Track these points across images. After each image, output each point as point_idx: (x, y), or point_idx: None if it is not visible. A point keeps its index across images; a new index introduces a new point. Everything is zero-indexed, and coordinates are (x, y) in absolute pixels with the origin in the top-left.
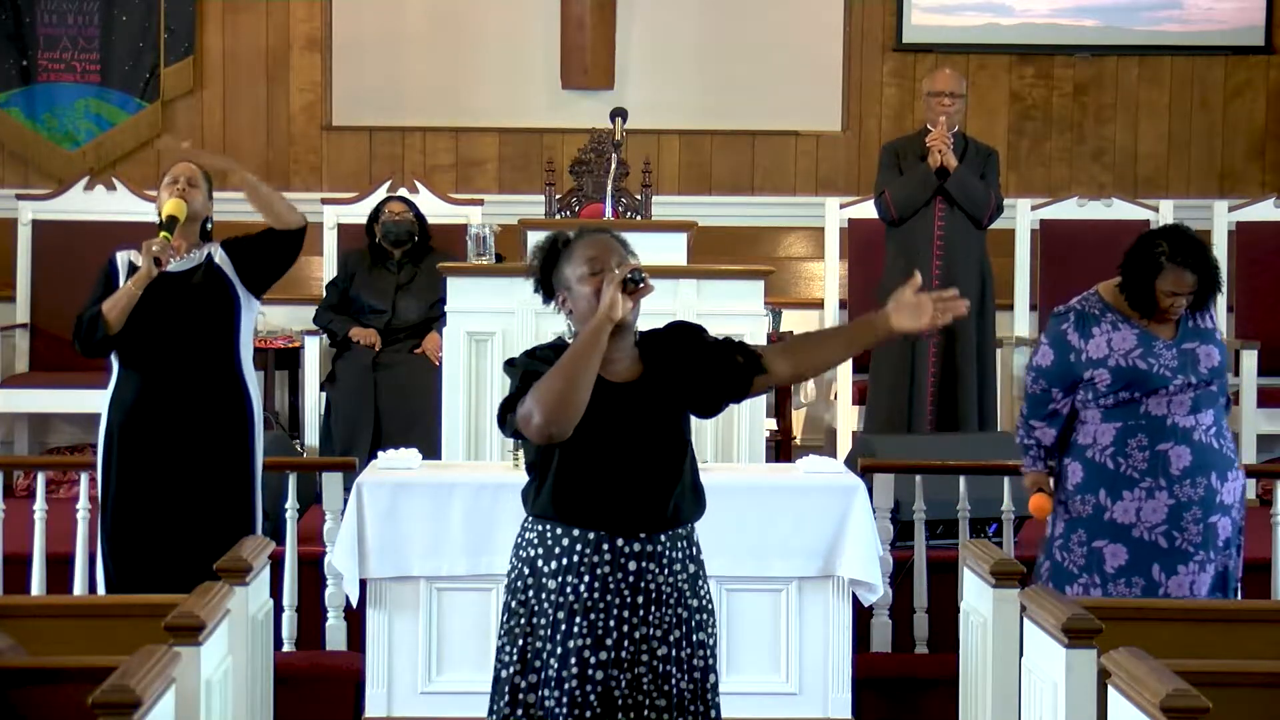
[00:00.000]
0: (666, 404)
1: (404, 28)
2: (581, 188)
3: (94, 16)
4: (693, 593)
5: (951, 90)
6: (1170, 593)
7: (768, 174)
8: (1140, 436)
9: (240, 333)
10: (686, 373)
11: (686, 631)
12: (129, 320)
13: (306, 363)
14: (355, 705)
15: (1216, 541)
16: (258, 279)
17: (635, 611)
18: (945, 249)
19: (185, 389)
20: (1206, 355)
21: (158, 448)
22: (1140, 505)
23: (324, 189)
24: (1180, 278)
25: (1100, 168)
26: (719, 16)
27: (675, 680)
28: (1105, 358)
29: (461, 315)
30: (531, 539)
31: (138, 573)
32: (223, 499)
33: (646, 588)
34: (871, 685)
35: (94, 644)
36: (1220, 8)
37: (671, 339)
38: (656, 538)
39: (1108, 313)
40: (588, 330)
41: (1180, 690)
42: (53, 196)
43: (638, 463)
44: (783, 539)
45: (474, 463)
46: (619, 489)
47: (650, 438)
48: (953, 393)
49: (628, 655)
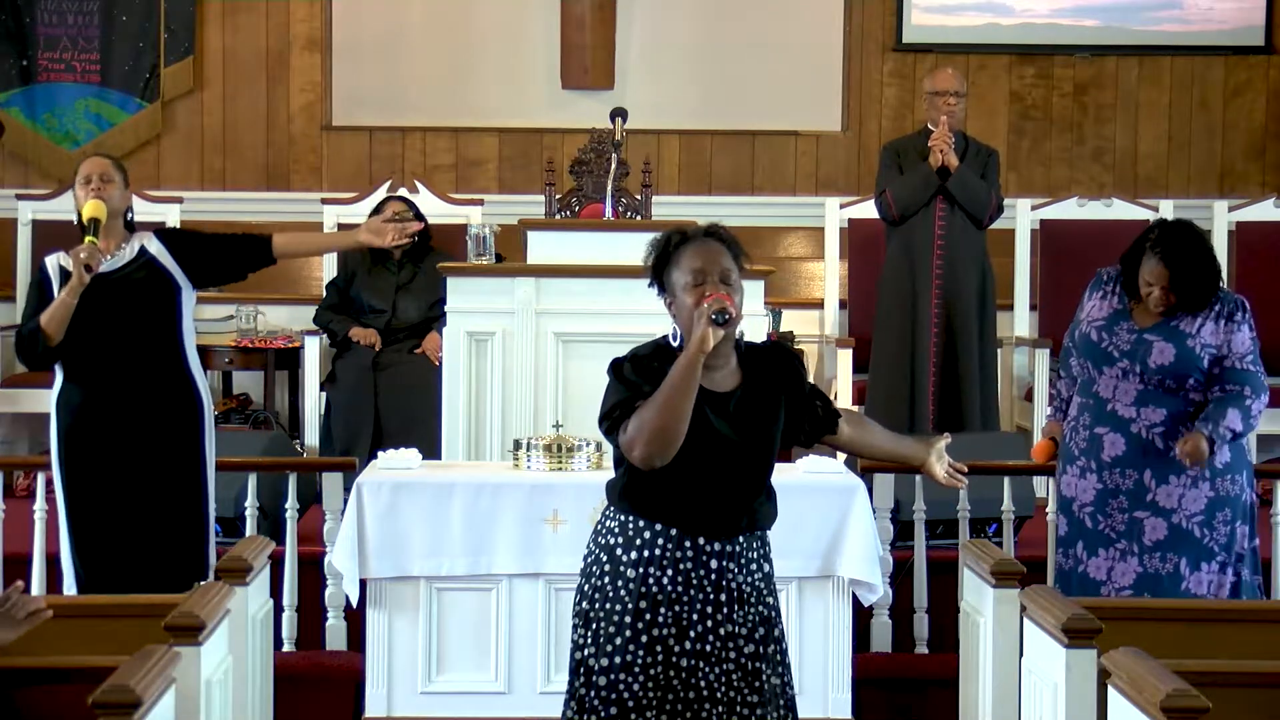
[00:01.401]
0: (760, 417)
1: (404, 28)
2: (581, 188)
3: (94, 16)
4: (769, 591)
5: (955, 90)
6: (1089, 572)
7: (768, 174)
8: (1086, 416)
9: (182, 322)
10: (787, 403)
11: (769, 629)
12: (71, 325)
13: (306, 363)
14: (355, 705)
15: (1143, 539)
16: (207, 276)
17: (719, 609)
18: (946, 248)
19: (132, 386)
20: (1160, 351)
21: (109, 447)
22: (1076, 482)
23: (324, 189)
24: (1157, 269)
25: (1100, 168)
26: (719, 16)
27: (766, 676)
28: (1085, 319)
29: (461, 315)
30: (612, 528)
31: (107, 573)
32: (176, 491)
33: (728, 586)
34: (871, 685)
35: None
36: (1220, 8)
37: (773, 360)
38: (736, 540)
39: (1114, 282)
40: (683, 364)
41: (1180, 690)
42: (53, 196)
43: (725, 470)
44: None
45: (474, 463)
46: (705, 493)
47: (740, 448)
48: (955, 393)
49: (713, 650)
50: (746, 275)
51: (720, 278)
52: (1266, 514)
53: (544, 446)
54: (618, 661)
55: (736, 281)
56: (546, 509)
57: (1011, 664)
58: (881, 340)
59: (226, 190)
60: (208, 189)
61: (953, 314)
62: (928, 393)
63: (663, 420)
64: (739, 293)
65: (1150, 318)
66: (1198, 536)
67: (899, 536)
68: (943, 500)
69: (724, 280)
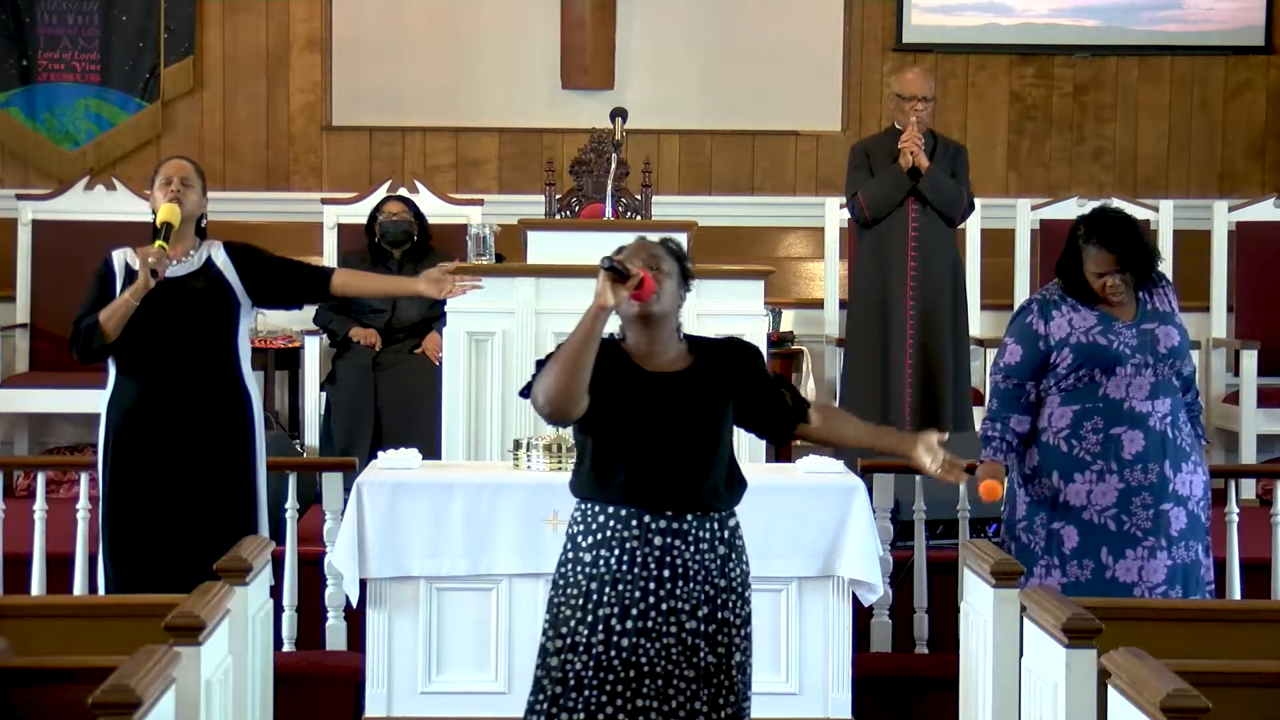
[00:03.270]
0: (706, 397)
1: (404, 28)
2: (581, 188)
3: (94, 16)
4: (720, 573)
5: (923, 95)
6: (1118, 576)
7: (768, 174)
8: (1096, 419)
9: (239, 335)
10: (739, 389)
11: (713, 609)
12: (128, 325)
13: (306, 363)
14: (355, 705)
15: (1169, 530)
16: (266, 297)
17: (662, 584)
18: (920, 248)
19: (185, 393)
20: (1165, 335)
21: (157, 451)
22: (1091, 488)
23: (324, 189)
24: (1101, 257)
25: (1100, 168)
26: (719, 16)
27: (703, 654)
28: (1067, 336)
29: (461, 315)
30: (576, 517)
31: (139, 577)
32: (225, 502)
33: (673, 563)
34: (871, 685)
35: (94, 644)
36: (1220, 8)
37: (727, 351)
38: (684, 517)
39: (1067, 298)
40: (583, 319)
41: (1180, 690)
42: (53, 196)
43: (668, 446)
44: (783, 539)
45: (474, 463)
46: (647, 469)
47: (683, 425)
48: (931, 393)
49: (654, 625)
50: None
51: (647, 263)
52: (1267, 514)
53: (544, 446)
54: (568, 642)
55: (668, 270)
56: (546, 509)
57: (1011, 664)
58: (854, 342)
59: (227, 190)
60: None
61: (928, 314)
62: (904, 394)
63: (561, 374)
64: (667, 279)
65: (1128, 311)
66: (1202, 521)
67: (899, 536)
68: (943, 500)
69: (650, 265)
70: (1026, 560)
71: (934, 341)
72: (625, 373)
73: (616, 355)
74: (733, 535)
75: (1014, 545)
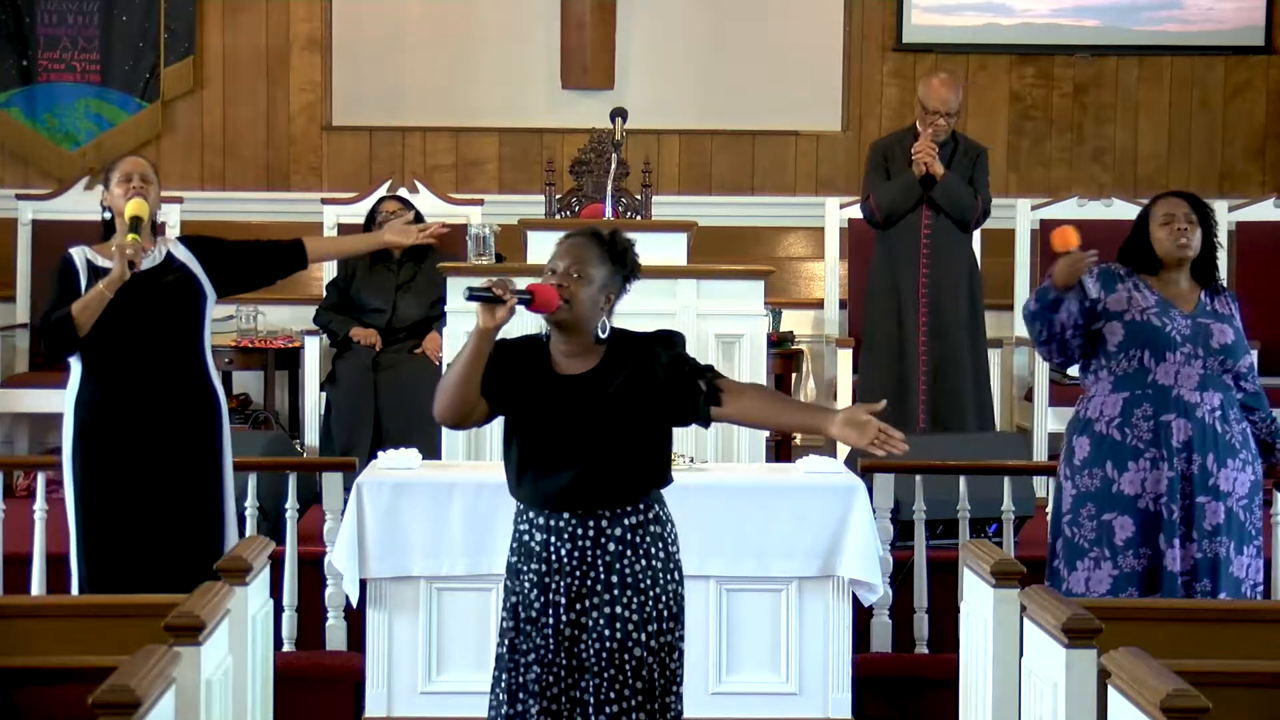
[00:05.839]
0: (607, 397)
1: (404, 28)
2: (581, 188)
3: (94, 16)
4: (630, 571)
5: (947, 111)
6: (1167, 567)
7: (768, 174)
8: (1146, 406)
9: (204, 328)
10: (644, 384)
11: (613, 603)
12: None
13: (306, 363)
14: (355, 705)
15: (1203, 524)
16: (234, 283)
17: (583, 581)
18: (932, 254)
19: (153, 386)
20: (1220, 332)
21: (128, 447)
22: (1145, 476)
23: (324, 189)
24: (1172, 201)
25: (1100, 168)
26: (719, 16)
27: (607, 646)
28: (1123, 312)
29: (461, 315)
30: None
31: (112, 574)
32: (193, 495)
33: (584, 559)
34: (871, 685)
35: (94, 644)
36: (1220, 8)
37: (639, 346)
38: (596, 513)
39: (1131, 275)
40: (470, 335)
41: (1180, 690)
42: (53, 196)
43: (571, 448)
44: (783, 539)
45: (474, 463)
46: (552, 471)
47: (584, 427)
48: (948, 396)
49: (575, 619)
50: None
51: (568, 268)
52: (1267, 514)
53: None
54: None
55: (592, 274)
56: None
57: (1011, 664)
58: (870, 345)
59: (227, 190)
60: (208, 189)
61: (941, 318)
62: (917, 397)
63: (449, 384)
64: (585, 285)
65: (1188, 301)
66: (1242, 520)
67: (899, 536)
68: (943, 500)
69: (571, 270)
70: (1072, 555)
71: (948, 345)
72: (538, 375)
73: (538, 356)
74: (638, 532)
75: (1059, 540)
